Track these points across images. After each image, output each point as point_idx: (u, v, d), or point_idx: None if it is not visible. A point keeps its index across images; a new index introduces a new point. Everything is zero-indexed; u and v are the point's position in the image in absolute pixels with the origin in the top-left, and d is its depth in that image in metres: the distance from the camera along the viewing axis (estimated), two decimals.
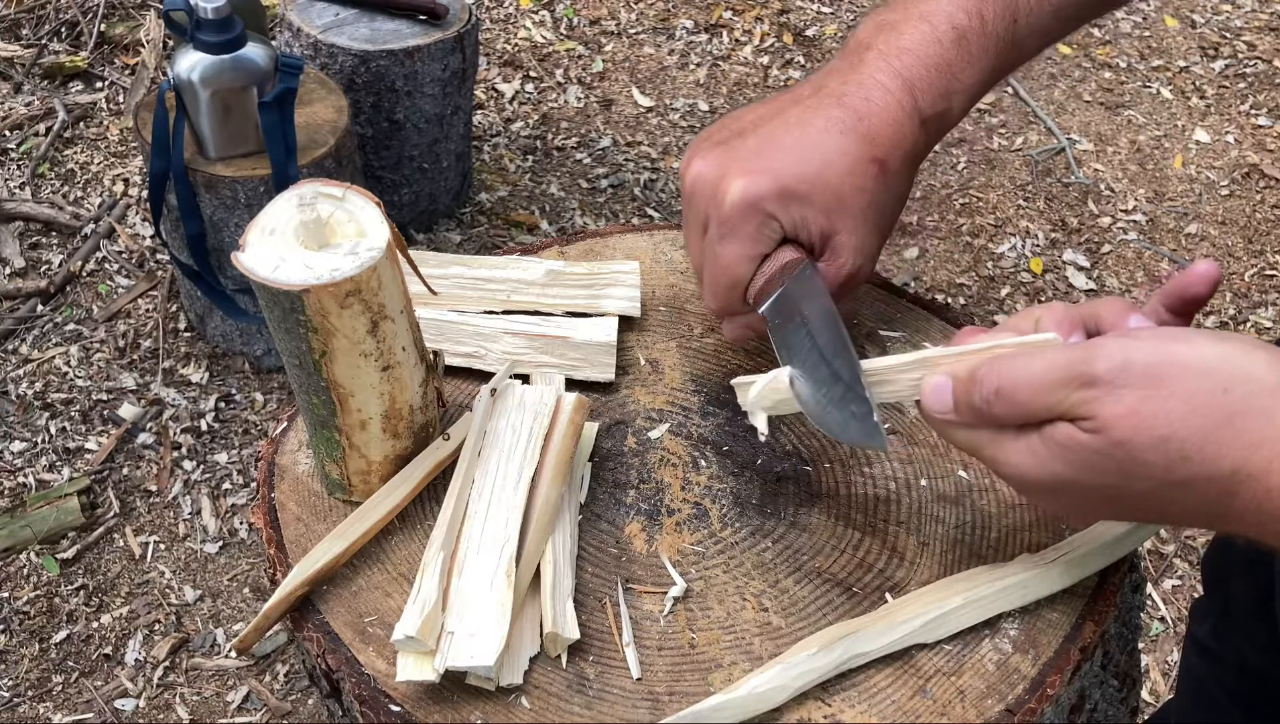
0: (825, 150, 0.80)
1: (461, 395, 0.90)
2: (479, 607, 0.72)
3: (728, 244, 0.81)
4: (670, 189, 2.56)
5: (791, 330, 0.79)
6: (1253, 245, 2.50)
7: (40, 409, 2.05)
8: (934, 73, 0.81)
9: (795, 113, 0.82)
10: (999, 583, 0.75)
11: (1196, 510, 0.63)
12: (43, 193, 2.45)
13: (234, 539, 1.90)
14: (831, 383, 0.74)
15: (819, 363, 0.75)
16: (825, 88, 0.83)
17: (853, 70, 0.82)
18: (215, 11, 1.73)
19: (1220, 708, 1.20)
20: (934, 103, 0.82)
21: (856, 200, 0.80)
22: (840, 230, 0.81)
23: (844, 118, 0.80)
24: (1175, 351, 0.61)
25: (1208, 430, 0.60)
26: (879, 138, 0.80)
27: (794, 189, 0.79)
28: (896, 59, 0.82)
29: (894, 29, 0.83)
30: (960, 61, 0.82)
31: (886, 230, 0.84)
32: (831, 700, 0.72)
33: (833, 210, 0.80)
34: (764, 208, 0.79)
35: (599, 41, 2.96)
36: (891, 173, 0.81)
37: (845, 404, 0.72)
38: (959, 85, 0.82)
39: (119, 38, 2.81)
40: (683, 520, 0.82)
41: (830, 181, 0.79)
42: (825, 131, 0.80)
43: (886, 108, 0.80)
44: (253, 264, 0.70)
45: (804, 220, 0.80)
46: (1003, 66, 0.85)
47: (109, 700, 1.70)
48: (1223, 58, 2.96)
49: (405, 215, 2.35)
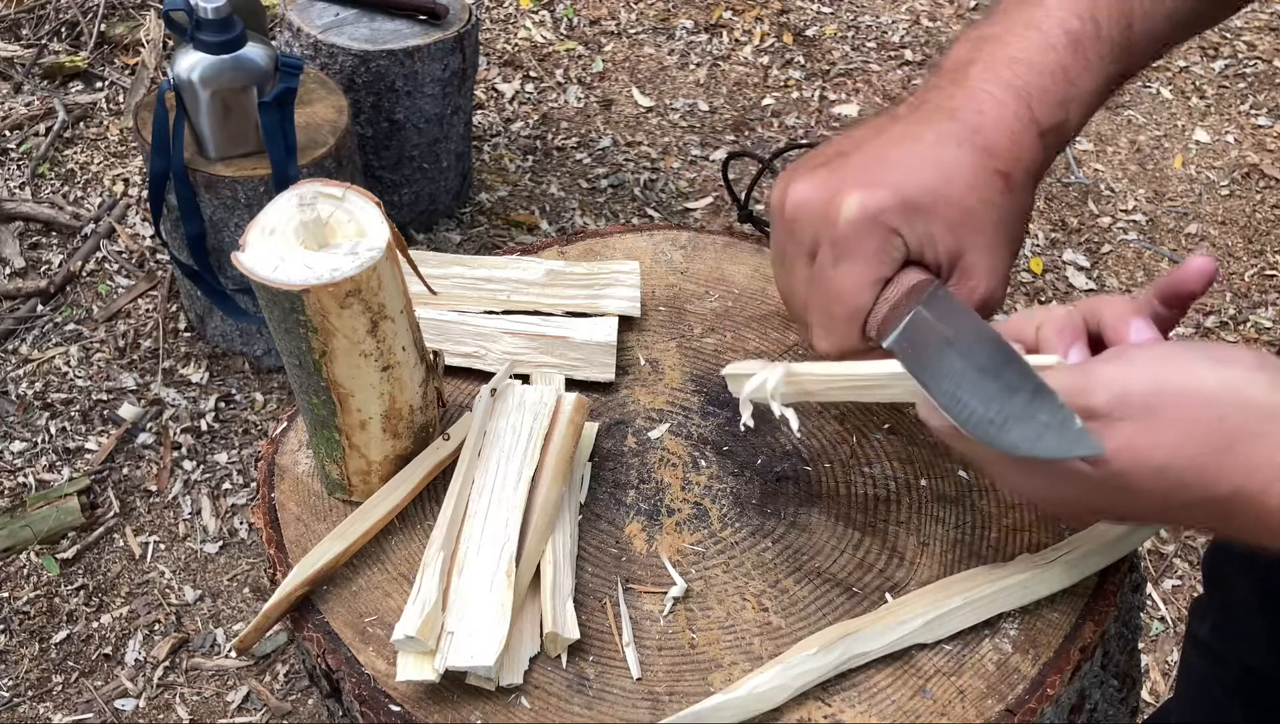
0: (943, 162, 0.71)
1: (461, 395, 0.90)
2: (479, 607, 0.72)
3: (845, 266, 0.72)
4: (670, 189, 2.56)
5: (934, 356, 0.69)
6: (1253, 245, 2.50)
7: (40, 409, 2.05)
8: (1049, 80, 0.74)
9: (899, 130, 0.74)
10: (999, 583, 0.75)
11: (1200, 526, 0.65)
12: (43, 193, 2.45)
13: (234, 539, 1.90)
14: (1007, 397, 0.65)
15: (981, 380, 0.67)
16: (929, 102, 0.75)
17: (957, 85, 0.75)
18: (215, 11, 1.73)
19: (1220, 706, 1.20)
20: (1052, 113, 0.74)
21: (985, 216, 0.72)
22: (969, 249, 0.73)
23: (958, 131, 0.72)
24: (1173, 380, 0.61)
25: (1205, 458, 0.60)
26: (999, 150, 0.72)
27: (917, 201, 0.71)
28: (1006, 69, 0.74)
29: (998, 41, 0.76)
30: (1077, 67, 0.75)
31: (1016, 250, 0.76)
32: (831, 700, 0.72)
33: (961, 227, 0.72)
34: (887, 222, 0.71)
35: (599, 41, 2.96)
36: (1016, 187, 0.73)
37: (1032, 414, 0.64)
38: (1076, 92, 0.75)
39: (119, 38, 2.81)
40: (683, 520, 0.82)
41: (955, 195, 0.71)
42: (940, 144, 0.72)
43: (1002, 119, 0.73)
44: (253, 264, 0.70)
45: (930, 237, 0.72)
46: (1119, 73, 0.78)
47: (109, 700, 1.70)
48: (1223, 58, 2.96)
49: (405, 215, 2.35)
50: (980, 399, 0.66)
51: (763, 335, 0.95)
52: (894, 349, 0.72)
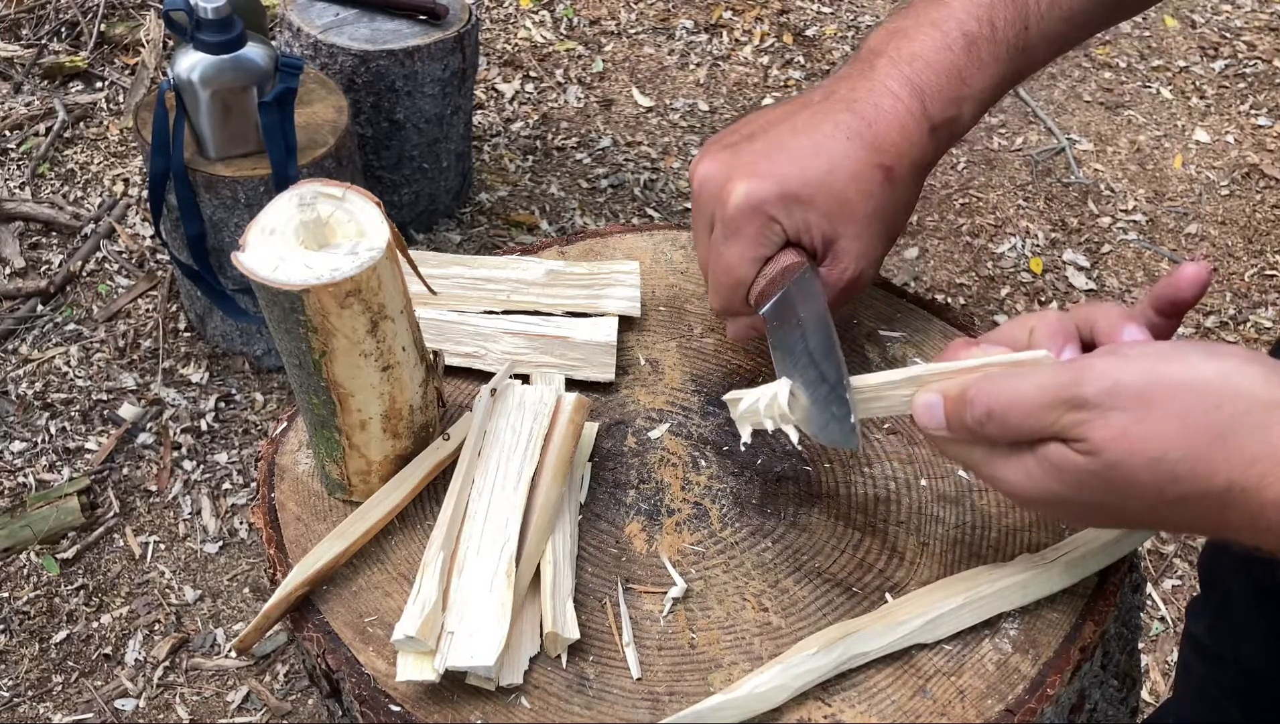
0: (831, 155, 0.80)
1: (461, 395, 0.90)
2: (479, 607, 0.72)
3: (731, 245, 0.82)
4: (670, 189, 2.56)
5: (786, 333, 0.80)
6: (1253, 245, 2.50)
7: (40, 409, 2.05)
8: (944, 79, 0.81)
9: (804, 117, 0.82)
10: (999, 583, 0.75)
11: (1193, 524, 0.63)
12: (43, 193, 2.45)
13: (234, 539, 1.90)
14: (817, 384, 0.75)
15: (809, 365, 0.76)
16: (835, 93, 0.83)
17: (863, 77, 0.82)
18: (215, 11, 1.73)
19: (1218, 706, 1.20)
20: (944, 109, 0.82)
21: (861, 206, 0.80)
22: (843, 235, 0.81)
23: (852, 123, 0.80)
24: (1166, 371, 0.62)
25: (1200, 449, 0.60)
26: (886, 145, 0.80)
27: (798, 193, 0.79)
28: (907, 65, 0.81)
29: (905, 35, 0.83)
30: (970, 68, 0.82)
31: (891, 237, 0.84)
32: (831, 700, 0.72)
33: (836, 215, 0.80)
34: (766, 210, 0.80)
35: (599, 41, 2.96)
36: (898, 180, 0.81)
37: (827, 405, 0.73)
38: (969, 91, 0.82)
39: (119, 38, 2.81)
40: (683, 520, 0.82)
41: (835, 186, 0.80)
42: (832, 137, 0.80)
43: (895, 114, 0.80)
44: (253, 264, 0.70)
45: (806, 224, 0.81)
46: (1013, 74, 0.84)
47: (109, 700, 1.70)
48: (1223, 58, 2.96)
49: (405, 215, 2.35)
50: (804, 381, 0.76)
51: None
52: (766, 317, 0.83)
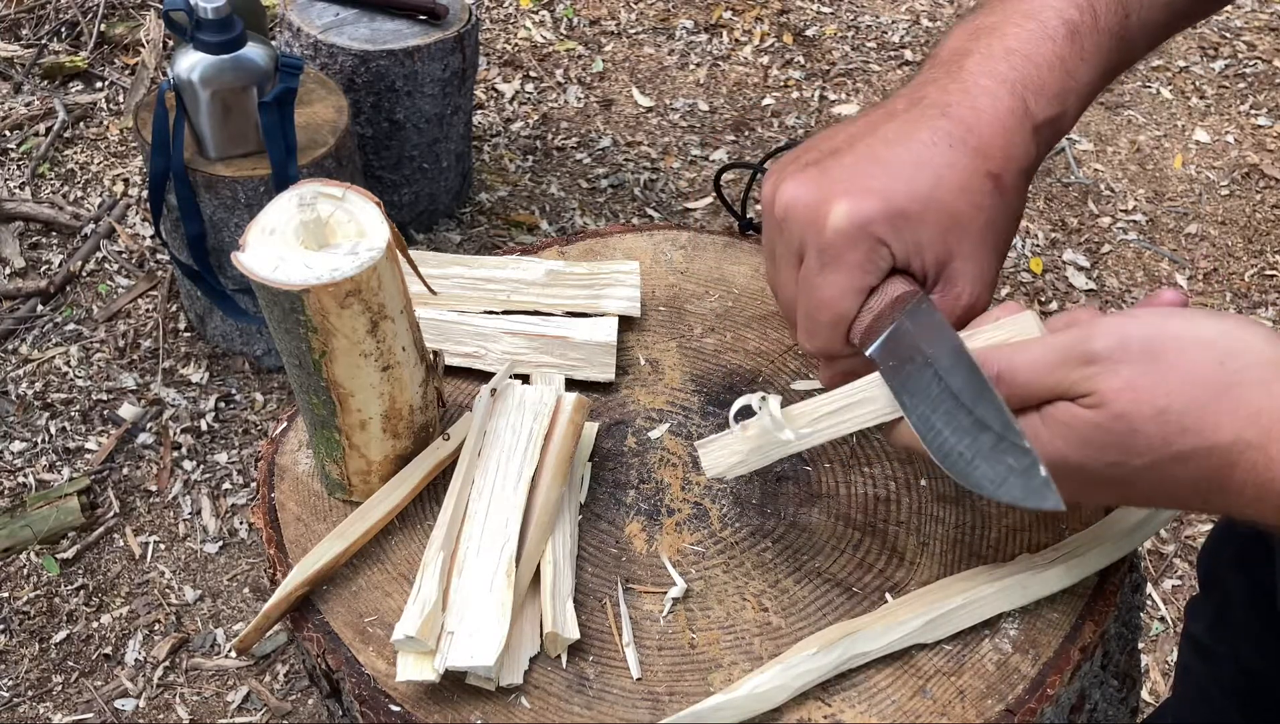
0: (935, 166, 0.70)
1: (461, 395, 0.90)
2: (479, 607, 0.72)
3: (830, 275, 0.71)
4: (670, 189, 2.56)
5: (912, 373, 0.70)
6: (1253, 245, 2.50)
7: (40, 409, 2.05)
8: (1047, 72, 0.73)
9: (894, 127, 0.73)
10: (999, 583, 0.75)
11: (1196, 487, 0.62)
12: (43, 193, 2.45)
13: (234, 539, 1.90)
14: (977, 432, 0.66)
15: (956, 410, 0.67)
16: (925, 98, 0.74)
17: (952, 78, 0.74)
18: (215, 11, 1.73)
19: (1217, 705, 1.20)
20: (1048, 105, 0.73)
21: (974, 220, 0.71)
22: (957, 256, 0.72)
23: (951, 130, 0.71)
24: (1172, 327, 0.62)
25: (1205, 402, 0.60)
26: (991, 150, 0.71)
27: (906, 210, 0.70)
28: (1003, 61, 0.73)
29: (995, 31, 0.75)
30: (1075, 58, 0.74)
31: (1004, 253, 0.75)
32: (831, 700, 0.72)
33: (948, 233, 0.71)
34: (874, 232, 0.70)
35: (599, 41, 2.96)
36: (1007, 188, 0.72)
37: (999, 456, 0.65)
38: (1074, 84, 0.74)
39: (119, 38, 2.81)
40: (683, 520, 0.82)
41: (944, 201, 0.70)
42: (932, 145, 0.71)
43: (997, 116, 0.72)
44: (253, 264, 0.70)
45: (917, 246, 0.71)
46: (1115, 65, 0.77)
47: (109, 700, 1.70)
48: (1223, 58, 2.96)
49: (405, 215, 2.35)
50: (952, 429, 0.67)
51: (762, 335, 0.95)
52: (875, 359, 0.72)
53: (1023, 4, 0.75)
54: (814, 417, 0.73)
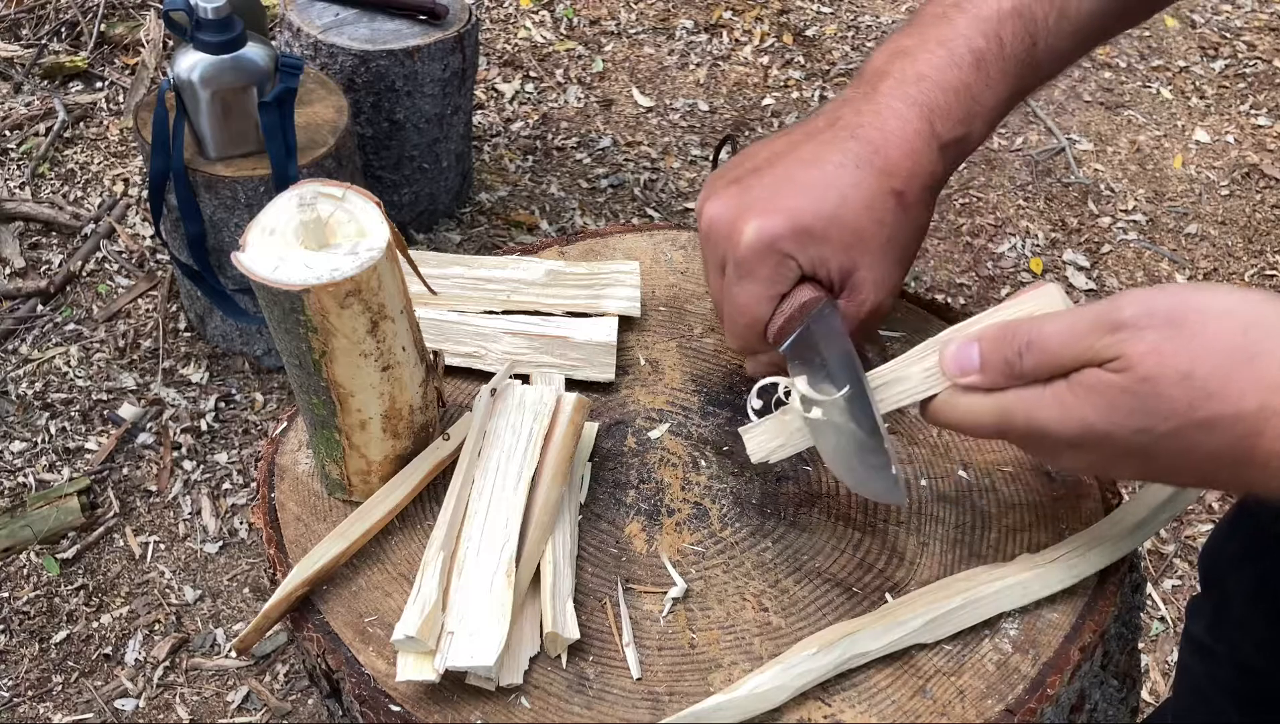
0: (841, 186, 0.78)
1: (461, 395, 0.90)
2: (479, 607, 0.72)
3: (745, 285, 0.80)
4: (670, 189, 2.56)
5: (810, 372, 0.78)
6: (1253, 245, 2.50)
7: (40, 409, 2.05)
8: (952, 97, 0.80)
9: (810, 148, 0.80)
10: (999, 583, 0.75)
11: (1220, 458, 0.63)
12: (43, 193, 2.45)
13: (234, 539, 1.90)
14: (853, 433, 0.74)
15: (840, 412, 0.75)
16: (840, 120, 0.81)
17: (867, 100, 0.81)
18: (215, 11, 1.73)
19: (1216, 705, 1.20)
20: (953, 128, 0.80)
21: (876, 235, 0.79)
22: (860, 266, 0.80)
23: (859, 151, 0.79)
24: (1197, 298, 0.64)
25: (1229, 368, 0.62)
26: (896, 169, 0.79)
27: (810, 227, 0.78)
28: (913, 85, 0.80)
29: (910, 55, 0.82)
30: (979, 85, 0.80)
31: (907, 262, 0.83)
32: (831, 700, 0.72)
33: (851, 247, 0.79)
34: (780, 248, 0.78)
35: (599, 41, 2.96)
36: (911, 204, 0.80)
37: (864, 455, 0.73)
38: (978, 109, 0.81)
39: (119, 38, 2.81)
40: (683, 520, 0.82)
41: (847, 218, 0.78)
42: (841, 166, 0.78)
43: (904, 137, 0.79)
44: (253, 264, 0.70)
45: (822, 259, 0.79)
46: (1021, 89, 0.83)
47: (109, 700, 1.70)
48: (1223, 58, 2.96)
49: (405, 215, 2.35)
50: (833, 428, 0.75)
51: None
52: (786, 355, 0.81)
53: (937, 30, 0.82)
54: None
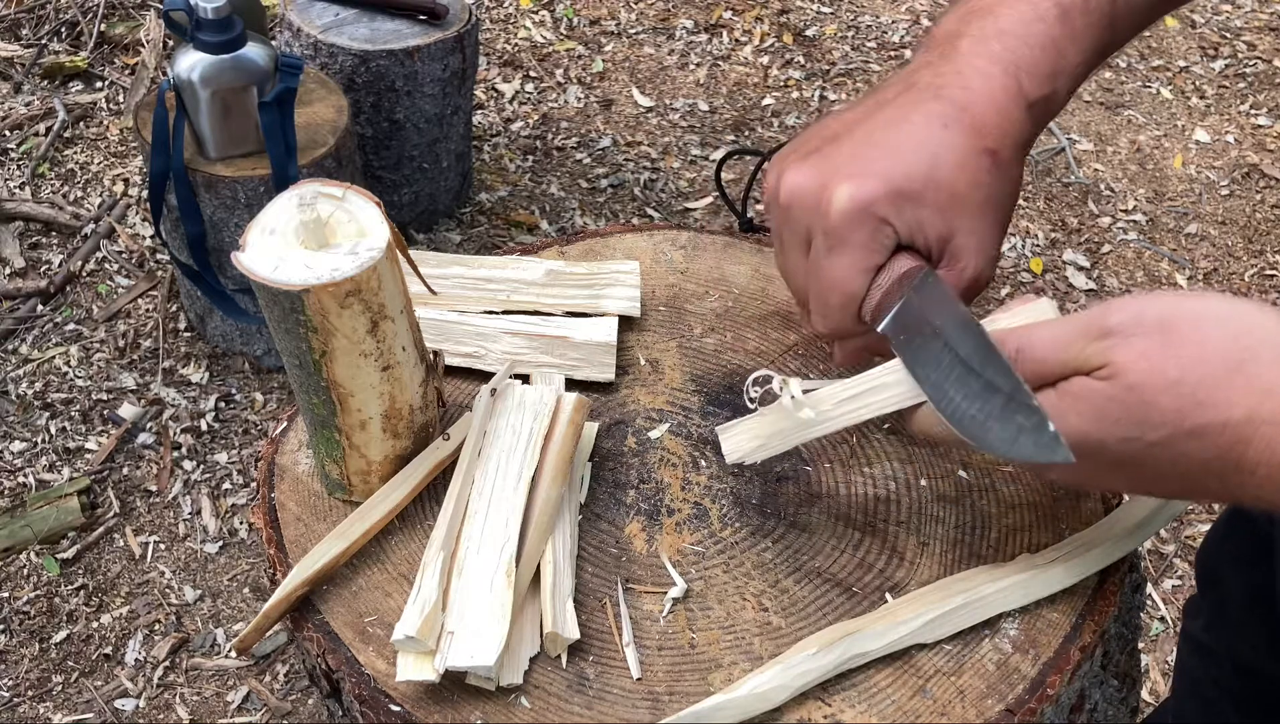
0: (931, 146, 0.73)
1: (461, 395, 0.90)
2: (479, 607, 0.72)
3: (838, 256, 0.74)
4: (670, 189, 2.56)
5: (923, 345, 0.72)
6: (1253, 245, 2.50)
7: (40, 409, 2.05)
8: (1039, 52, 0.75)
9: (889, 113, 0.76)
10: (999, 583, 0.75)
11: (1209, 466, 0.63)
12: (43, 193, 2.45)
13: (234, 539, 1.90)
14: (987, 395, 0.68)
15: (967, 376, 0.69)
16: (918, 83, 0.76)
17: (946, 60, 0.76)
18: (215, 11, 1.73)
19: (1214, 704, 1.20)
20: (1040, 85, 0.75)
21: (973, 196, 0.74)
22: (959, 231, 0.75)
23: (945, 111, 0.74)
24: (1187, 305, 0.64)
25: (1219, 376, 0.61)
26: (987, 127, 0.74)
27: (906, 189, 0.73)
28: (995, 41, 0.75)
29: (987, 13, 0.77)
30: (1065, 39, 0.76)
31: (1005, 226, 0.78)
32: (831, 700, 0.72)
33: (948, 210, 0.74)
34: (876, 212, 0.73)
35: (599, 41, 2.96)
36: (1004, 163, 0.75)
37: (1010, 416, 0.66)
38: (1065, 65, 0.76)
39: (119, 38, 2.81)
40: (683, 520, 0.82)
41: (943, 179, 0.73)
42: (928, 127, 0.74)
43: (990, 94, 0.74)
44: (253, 264, 0.70)
45: (919, 223, 0.74)
46: (1106, 44, 0.79)
47: (109, 700, 1.70)
48: (1223, 58, 2.96)
49: (405, 215, 2.35)
50: (963, 394, 0.69)
51: (763, 335, 0.95)
52: (887, 334, 0.74)
53: None
54: (835, 400, 0.74)
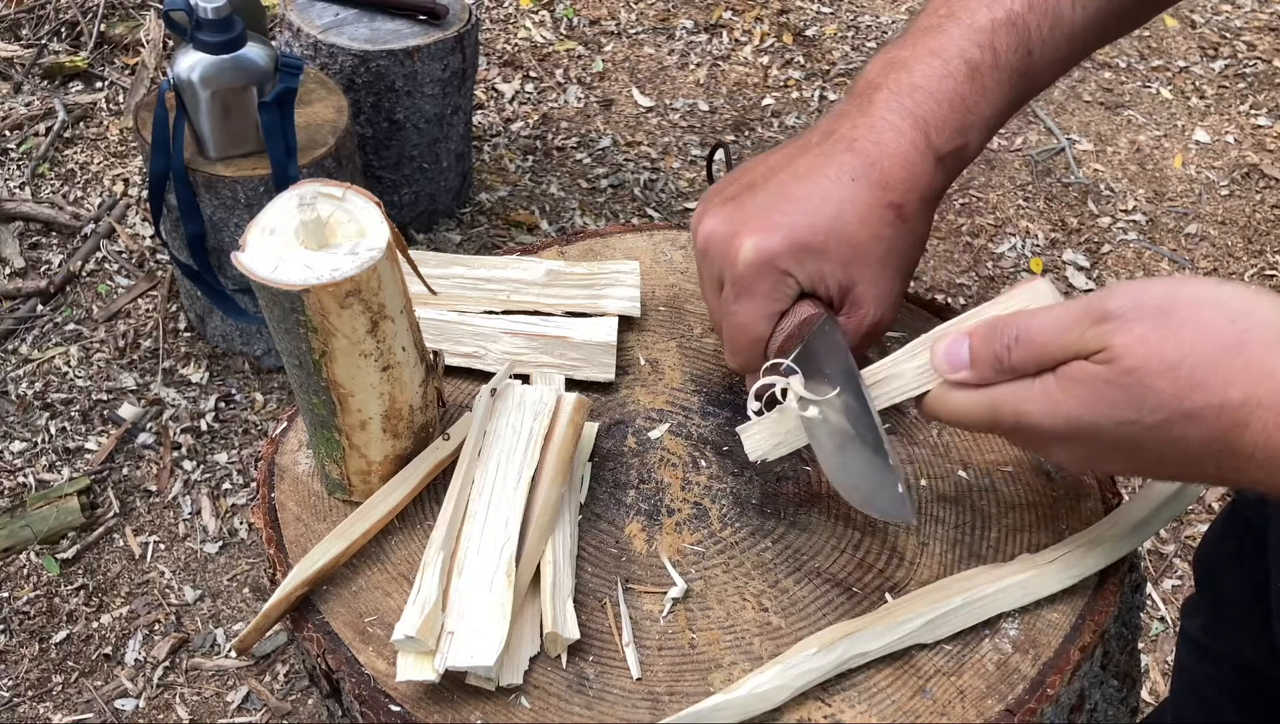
0: (838, 200, 0.77)
1: (461, 395, 0.90)
2: (479, 607, 0.72)
3: (744, 303, 0.79)
4: (670, 189, 2.56)
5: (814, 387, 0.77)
6: (1253, 245, 2.50)
7: (40, 409, 2.05)
8: (947, 108, 0.79)
9: (805, 161, 0.79)
10: (999, 583, 0.75)
11: (1206, 449, 0.63)
12: (43, 193, 2.45)
13: (234, 539, 1.90)
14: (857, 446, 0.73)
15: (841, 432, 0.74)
16: (835, 133, 0.80)
17: (862, 113, 0.80)
18: (215, 11, 1.73)
19: (1213, 704, 1.20)
20: (949, 139, 0.79)
21: (874, 249, 0.78)
22: (859, 281, 0.79)
23: (855, 164, 0.78)
24: (1185, 289, 0.64)
25: (1217, 358, 0.61)
26: (893, 182, 0.78)
27: (808, 243, 0.77)
28: (908, 97, 0.79)
29: (904, 66, 0.81)
30: (974, 95, 0.80)
31: (908, 275, 0.82)
32: (831, 700, 0.72)
33: (850, 262, 0.78)
34: (778, 265, 0.77)
35: (599, 41, 2.96)
36: (909, 216, 0.79)
37: (870, 472, 0.72)
38: (974, 119, 0.80)
39: (119, 38, 2.81)
40: (683, 520, 0.82)
41: (845, 232, 0.77)
42: (837, 180, 0.78)
43: (899, 150, 0.78)
44: (253, 264, 0.70)
45: (820, 274, 0.78)
46: (1018, 98, 0.82)
47: (109, 700, 1.70)
48: (1223, 58, 2.96)
49: (405, 215, 2.35)
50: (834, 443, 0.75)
51: None
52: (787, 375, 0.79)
53: (931, 41, 0.81)
54: None
